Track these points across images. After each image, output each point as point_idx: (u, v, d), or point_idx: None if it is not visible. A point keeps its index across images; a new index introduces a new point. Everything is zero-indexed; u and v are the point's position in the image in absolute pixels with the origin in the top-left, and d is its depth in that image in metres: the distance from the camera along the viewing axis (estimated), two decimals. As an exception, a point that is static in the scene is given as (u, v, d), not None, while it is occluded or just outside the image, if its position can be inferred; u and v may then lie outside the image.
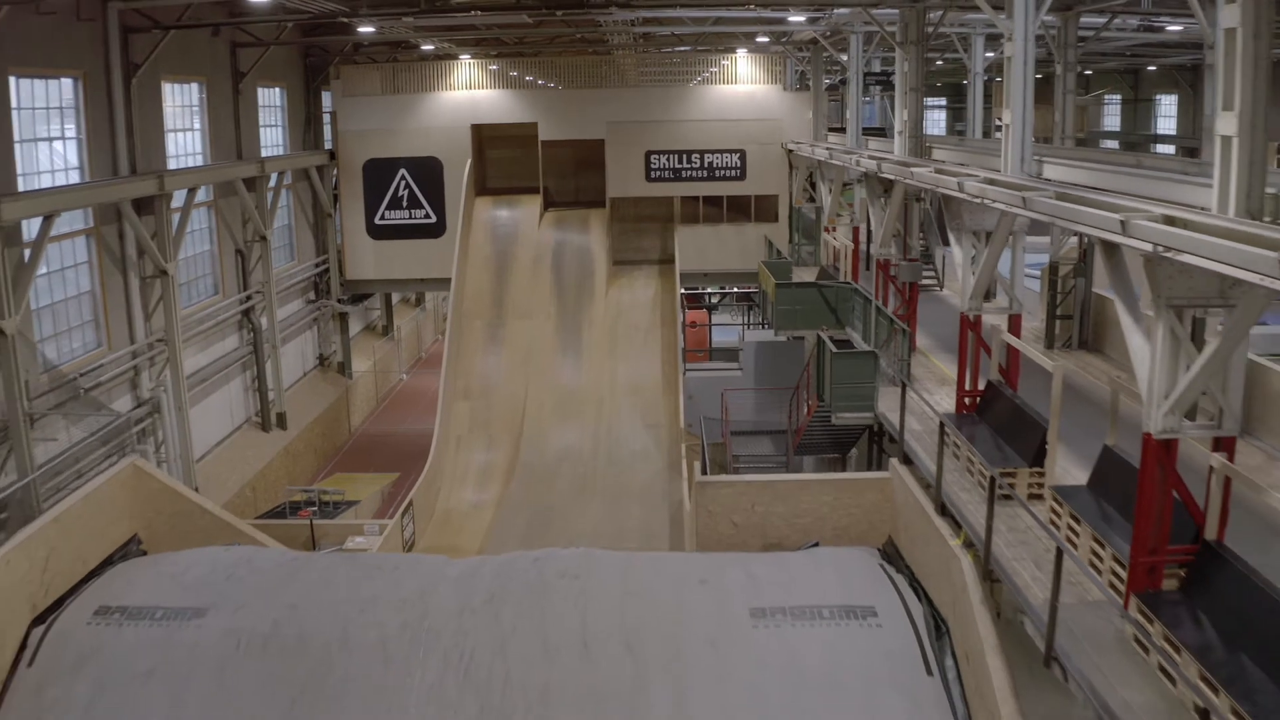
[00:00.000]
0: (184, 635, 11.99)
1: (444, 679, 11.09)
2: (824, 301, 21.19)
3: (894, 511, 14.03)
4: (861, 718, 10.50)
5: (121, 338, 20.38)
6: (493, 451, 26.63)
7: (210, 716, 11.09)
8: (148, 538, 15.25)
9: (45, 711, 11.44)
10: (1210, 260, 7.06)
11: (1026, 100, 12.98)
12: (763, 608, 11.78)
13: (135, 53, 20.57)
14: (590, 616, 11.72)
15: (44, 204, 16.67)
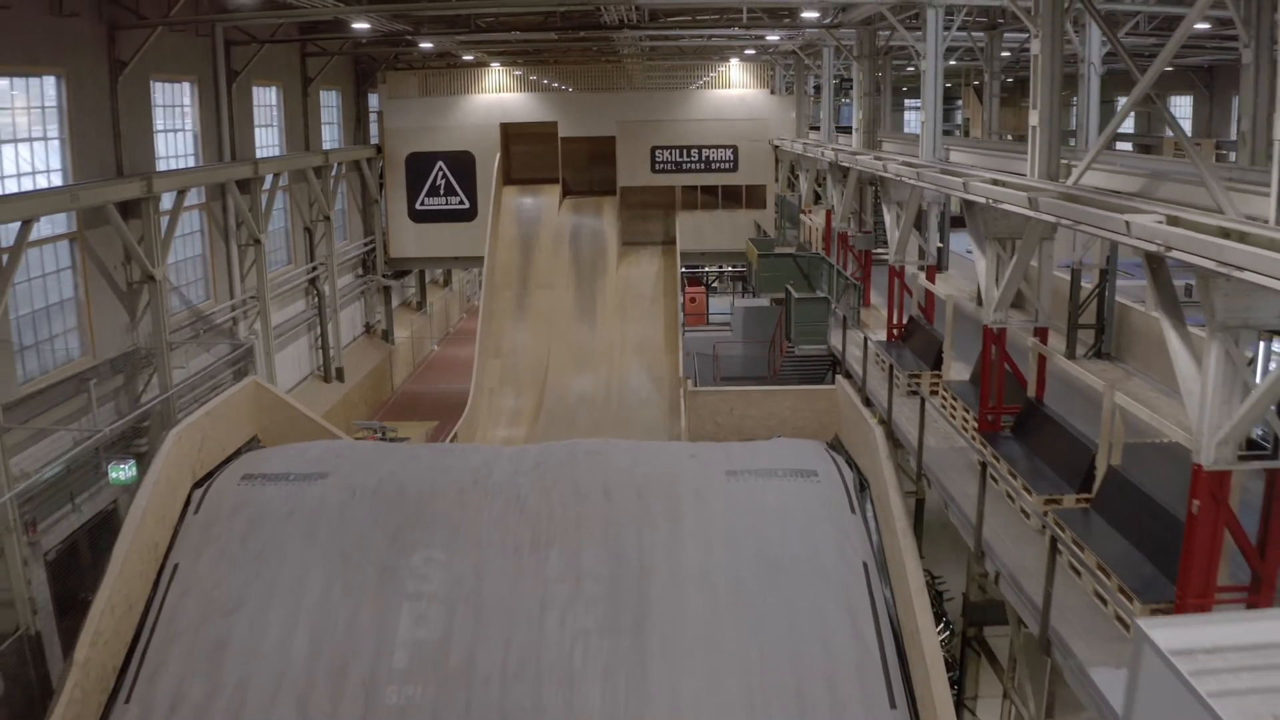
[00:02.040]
0: (312, 490, 15.85)
1: (505, 514, 14.98)
2: (798, 268, 25.00)
3: (839, 415, 17.86)
4: (803, 540, 14.38)
5: (224, 293, 24.29)
6: (520, 399, 30.50)
7: (336, 543, 14.95)
8: (265, 438, 19.09)
9: (212, 542, 15.29)
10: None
11: (936, 102, 16.83)
12: (735, 470, 15.66)
13: (235, 61, 24.48)
14: (610, 475, 15.62)
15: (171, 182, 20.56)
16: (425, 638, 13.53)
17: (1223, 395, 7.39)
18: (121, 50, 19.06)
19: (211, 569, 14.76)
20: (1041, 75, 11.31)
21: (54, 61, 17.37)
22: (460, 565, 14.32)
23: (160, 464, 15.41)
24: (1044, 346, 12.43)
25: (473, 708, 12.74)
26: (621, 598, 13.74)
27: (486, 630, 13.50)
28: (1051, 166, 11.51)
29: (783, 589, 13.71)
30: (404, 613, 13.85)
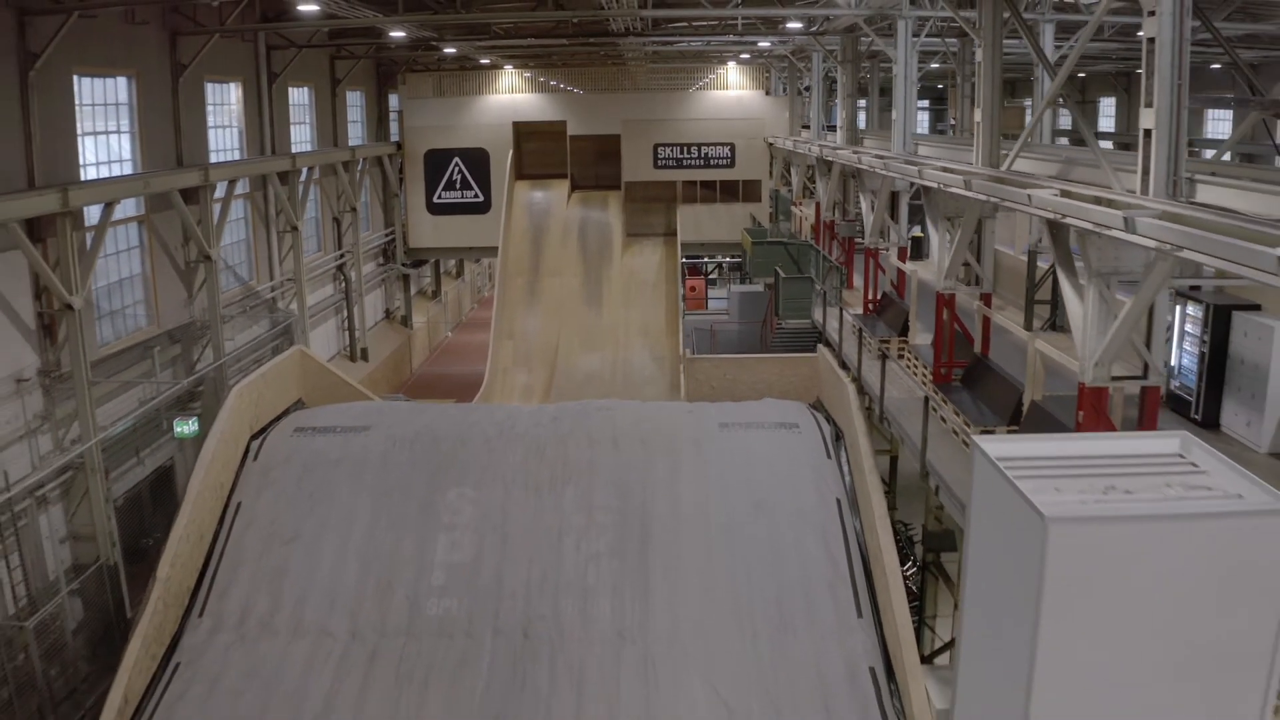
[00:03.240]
0: (357, 440, 17.82)
1: (526, 459, 16.95)
2: (788, 254, 26.91)
3: (820, 379, 19.81)
4: (785, 480, 16.34)
5: (264, 275, 26.24)
6: (532, 376, 32.47)
7: (379, 484, 16.91)
8: (308, 400, 21.04)
9: (270, 484, 17.24)
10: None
11: (909, 103, 18.75)
12: (727, 423, 17.63)
13: (275, 64, 26.40)
14: (618, 427, 17.59)
15: (223, 172, 22.51)
16: (459, 560, 15.51)
17: (1098, 327, 9.06)
18: (182, 54, 21.02)
19: (270, 506, 16.75)
20: (983, 79, 13.24)
21: (126, 64, 19.32)
22: (488, 501, 16.30)
23: (225, 416, 17.39)
24: (988, 309, 14.37)
25: (500, 617, 14.71)
26: (628, 527, 15.73)
27: (512, 554, 15.49)
28: (992, 156, 13.44)
29: (767, 520, 15.69)
30: (440, 541, 15.85)
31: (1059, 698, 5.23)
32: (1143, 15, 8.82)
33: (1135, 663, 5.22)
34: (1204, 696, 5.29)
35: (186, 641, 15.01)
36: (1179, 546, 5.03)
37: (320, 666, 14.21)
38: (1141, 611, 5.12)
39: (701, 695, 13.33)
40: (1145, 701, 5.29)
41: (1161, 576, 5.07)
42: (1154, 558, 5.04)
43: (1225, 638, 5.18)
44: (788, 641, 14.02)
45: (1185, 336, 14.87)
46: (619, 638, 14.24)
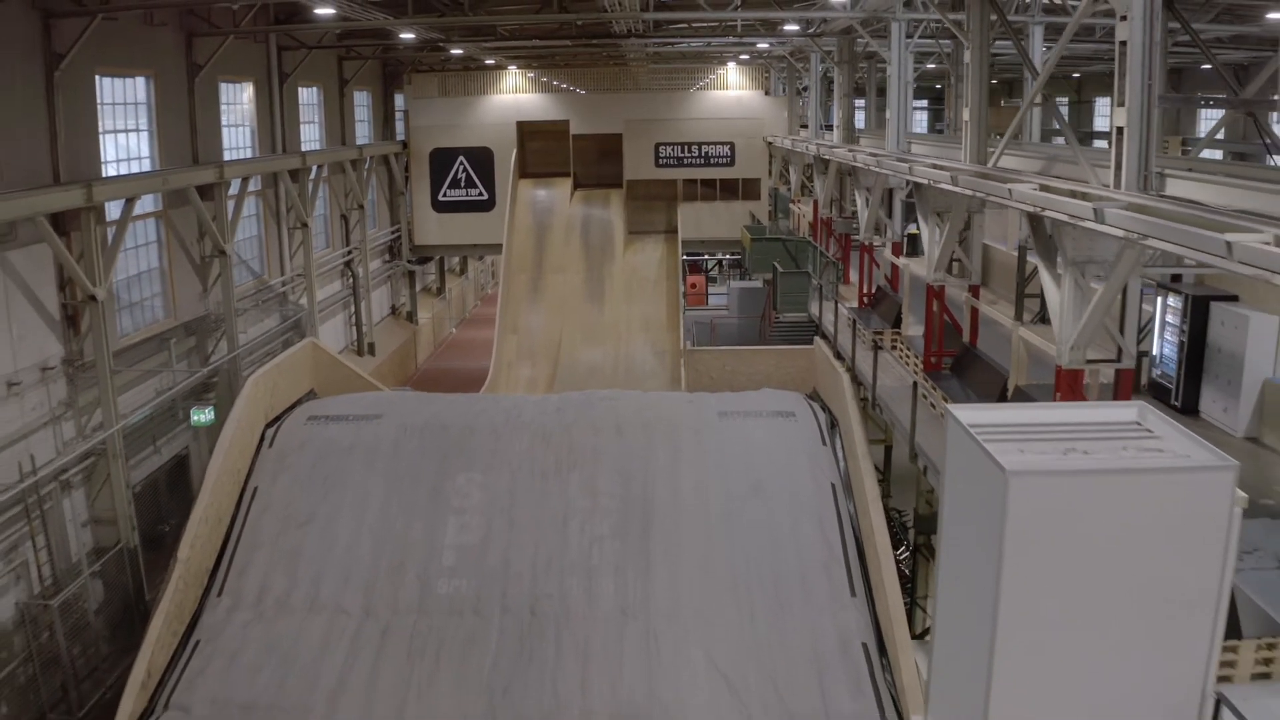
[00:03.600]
0: (369, 428, 18.36)
1: (533, 446, 17.49)
2: (785, 250, 27.46)
3: (816, 370, 20.35)
4: (782, 466, 16.89)
5: (275, 270, 26.80)
6: (536, 370, 33.01)
7: (391, 470, 17.44)
8: (320, 391, 21.59)
9: (285, 470, 17.78)
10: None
11: (902, 102, 19.29)
12: (726, 411, 18.18)
13: (286, 65, 26.96)
14: (621, 416, 18.13)
15: (237, 170, 23.07)
16: (468, 542, 16.08)
17: (1074, 313, 9.61)
18: (197, 55, 21.57)
19: (286, 491, 17.31)
20: (971, 79, 13.79)
21: (145, 65, 19.87)
22: (496, 486, 16.87)
23: (241, 405, 17.96)
24: (976, 300, 14.92)
25: (508, 595, 15.27)
26: (631, 510, 16.29)
27: (519, 536, 16.05)
28: (980, 153, 13.98)
29: (764, 504, 16.26)
30: (450, 524, 16.41)
31: (1020, 638, 5.81)
32: (1116, 19, 9.35)
33: (1091, 607, 5.80)
34: (1157, 638, 5.87)
35: (206, 619, 15.56)
36: (1129, 499, 5.60)
37: (336, 642, 14.76)
38: (1096, 559, 5.70)
39: (701, 668, 13.87)
40: (1101, 643, 5.87)
41: (1113, 527, 5.65)
42: (1106, 509, 5.61)
43: (1174, 583, 5.77)
44: (784, 618, 14.57)
45: (1166, 327, 15.44)
46: (622, 615, 14.78)
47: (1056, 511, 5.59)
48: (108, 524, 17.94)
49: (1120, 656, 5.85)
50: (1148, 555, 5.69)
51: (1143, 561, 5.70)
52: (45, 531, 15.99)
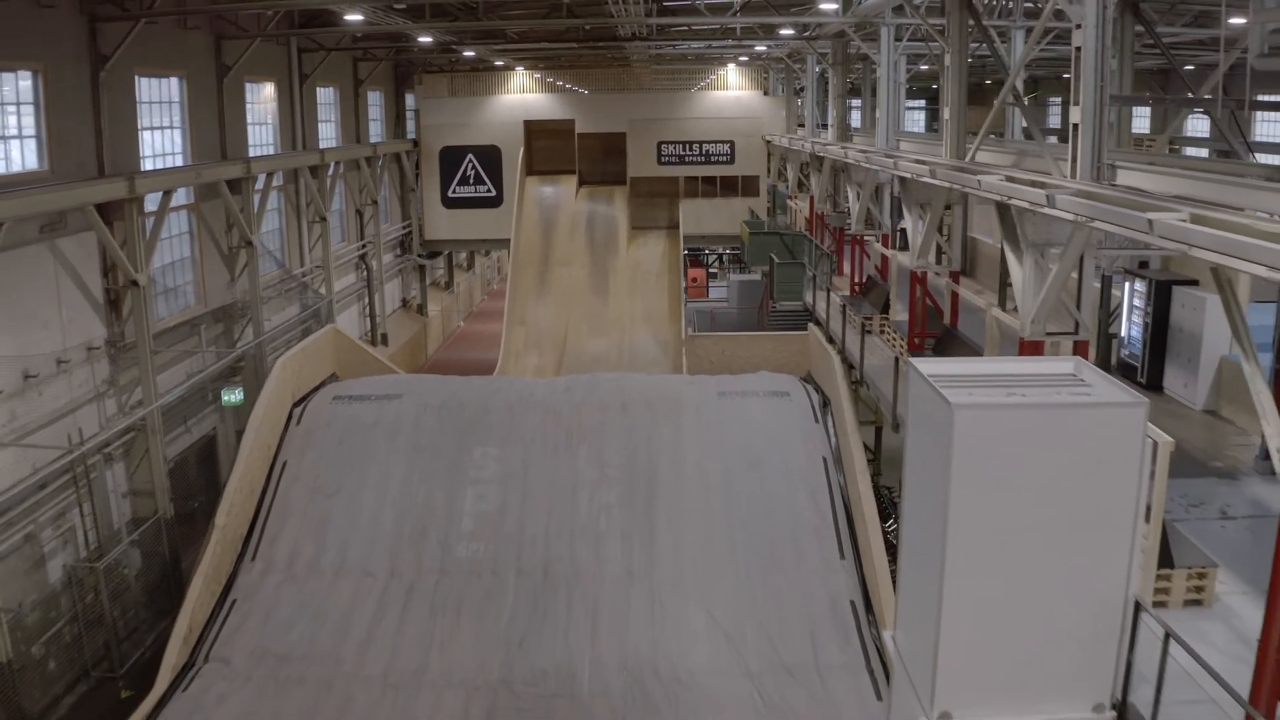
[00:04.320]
0: (391, 406, 19.46)
1: (544, 423, 18.60)
2: (783, 244, 28.54)
3: (810, 355, 21.43)
4: (777, 441, 17.98)
5: (295, 262, 27.87)
6: (543, 359, 34.07)
7: (412, 444, 18.54)
8: (341, 375, 22.67)
9: (313, 445, 18.88)
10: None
11: (890, 102, 20.34)
12: (725, 391, 19.29)
13: (306, 66, 28.03)
14: (626, 395, 19.24)
15: (263, 165, 24.14)
16: (485, 510, 17.20)
17: (1034, 290, 10.72)
18: (226, 57, 22.64)
19: (313, 464, 18.44)
20: (950, 80, 14.84)
21: (179, 65, 20.94)
22: (511, 459, 18.00)
23: (271, 385, 19.07)
24: (956, 285, 15.98)
25: (523, 558, 16.37)
26: (635, 482, 17.42)
27: (532, 504, 17.17)
28: (959, 149, 15.03)
29: (760, 476, 17.38)
30: (468, 493, 17.54)
31: (966, 551, 6.88)
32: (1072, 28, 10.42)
33: (1027, 523, 6.87)
34: (1083, 549, 6.95)
35: (241, 581, 16.69)
36: (1057, 430, 6.69)
37: (363, 601, 15.89)
38: (1030, 482, 6.78)
39: (702, 624, 14.98)
40: (1036, 555, 6.94)
41: (1045, 455, 6.73)
42: (1038, 439, 6.70)
43: (1097, 502, 6.83)
44: (778, 579, 15.68)
45: (1133, 310, 16.52)
46: (628, 576, 15.90)
47: (995, 441, 6.64)
48: (145, 495, 19.00)
49: (1053, 566, 6.89)
50: (1074, 479, 6.74)
51: (1070, 484, 6.74)
52: (91, 500, 17.07)
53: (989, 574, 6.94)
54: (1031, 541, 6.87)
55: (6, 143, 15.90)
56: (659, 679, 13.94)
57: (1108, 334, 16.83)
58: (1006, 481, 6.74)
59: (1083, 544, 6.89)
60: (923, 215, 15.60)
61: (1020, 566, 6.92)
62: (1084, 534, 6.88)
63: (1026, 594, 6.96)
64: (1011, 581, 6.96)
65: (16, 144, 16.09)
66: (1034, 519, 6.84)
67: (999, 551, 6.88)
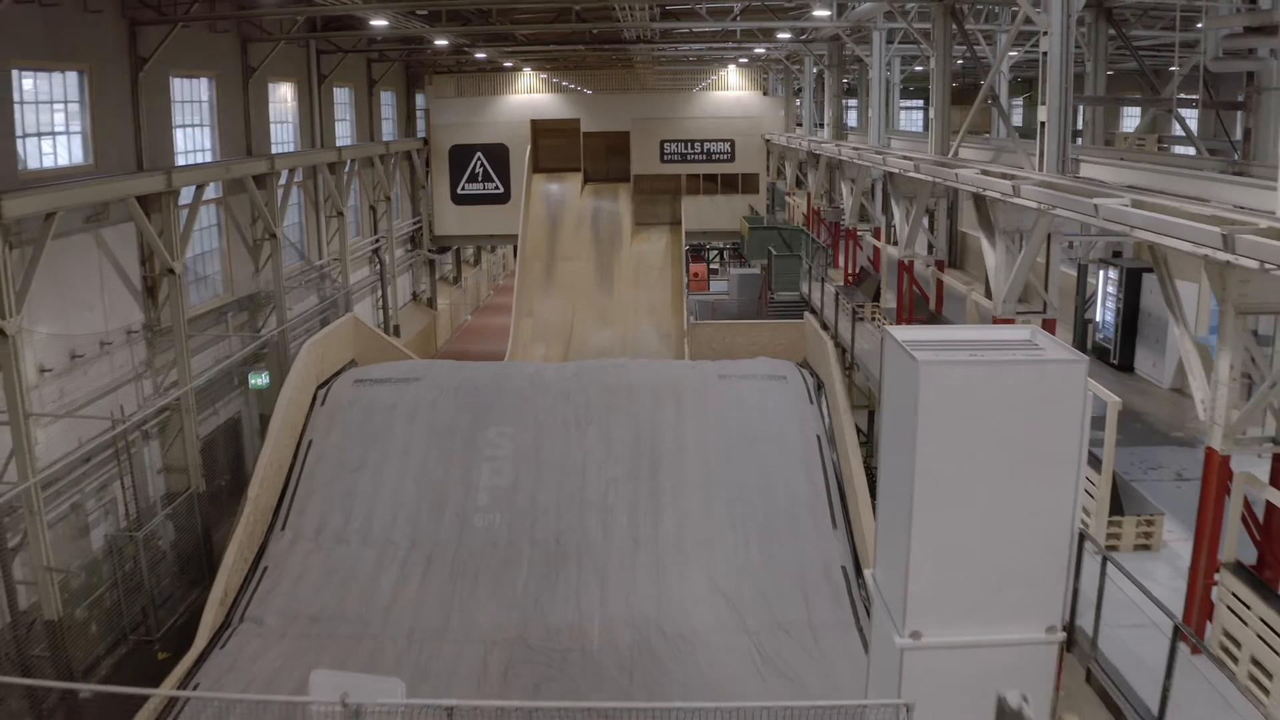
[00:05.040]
0: (409, 388, 20.50)
1: (555, 404, 19.63)
2: (781, 238, 29.53)
3: (806, 341, 22.46)
4: (774, 420, 19.01)
5: (314, 254, 28.88)
6: (549, 349, 35.06)
7: (431, 424, 19.56)
8: (360, 360, 23.69)
9: (337, 425, 19.91)
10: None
11: (881, 102, 21.34)
12: (725, 374, 20.32)
13: (324, 67, 29.04)
14: (631, 379, 20.26)
15: (286, 162, 25.14)
16: (500, 484, 18.24)
17: (1005, 272, 11.79)
18: (251, 59, 23.66)
19: (338, 442, 19.48)
20: (935, 82, 15.85)
21: (209, 67, 21.95)
22: (523, 437, 19.03)
23: (297, 368, 20.12)
24: (941, 274, 16.99)
25: (536, 529, 17.40)
26: (640, 458, 18.45)
27: (544, 479, 18.21)
28: (943, 146, 16.04)
29: (758, 453, 18.42)
30: (484, 469, 18.58)
31: (931, 491, 7.88)
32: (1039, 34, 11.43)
33: (984, 468, 7.90)
34: (1034, 488, 7.95)
35: (272, 549, 17.74)
36: (1009, 383, 7.72)
37: (387, 567, 16.93)
38: (985, 429, 7.80)
39: (703, 587, 16.02)
40: (993, 495, 7.96)
41: (998, 405, 7.75)
42: (992, 391, 7.72)
43: (1045, 448, 7.86)
44: (774, 547, 16.73)
45: (1107, 297, 17.54)
46: (634, 544, 16.94)
47: (956, 393, 7.65)
48: (178, 471, 20.01)
49: (1008, 503, 7.90)
50: (1025, 426, 7.74)
51: (1021, 431, 7.75)
52: (131, 473, 18.09)
53: (951, 510, 7.94)
54: (988, 481, 7.88)
55: (55, 138, 16.91)
56: (664, 636, 14.96)
57: (1084, 319, 17.84)
58: (966, 429, 7.75)
59: (1033, 483, 7.90)
60: (909, 207, 16.62)
61: (979, 503, 7.92)
62: (1034, 474, 7.89)
63: (985, 528, 7.97)
64: (971, 516, 7.96)
65: (64, 139, 17.10)
66: (991, 462, 7.84)
67: (960, 491, 7.89)
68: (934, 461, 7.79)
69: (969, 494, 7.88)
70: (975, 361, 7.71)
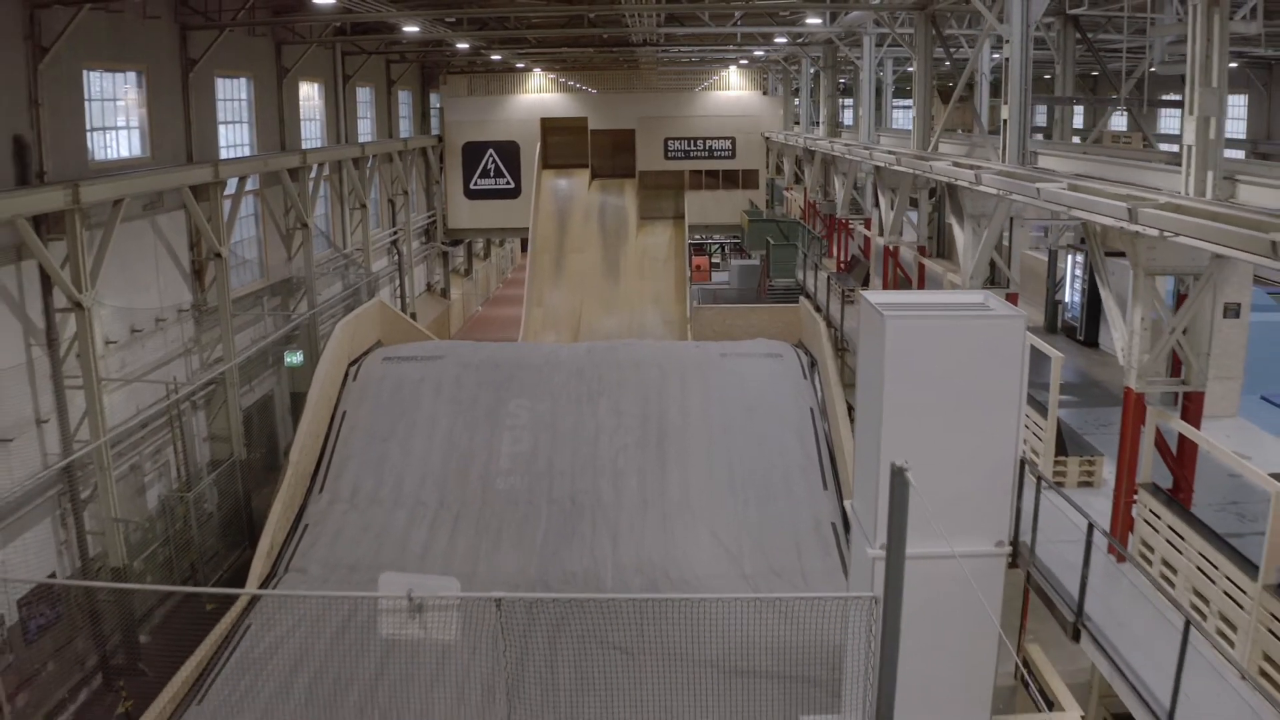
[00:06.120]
0: (435, 365, 21.99)
1: (569, 379, 21.13)
2: (779, 230, 31.01)
3: (801, 324, 23.95)
4: (771, 394, 20.50)
5: (339, 244, 30.41)
6: (560, 336, 36.61)
7: (455, 397, 21.05)
8: (385, 341, 25.17)
9: (368, 398, 21.39)
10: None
11: (871, 101, 22.82)
12: (726, 353, 21.81)
13: (348, 68, 30.55)
14: (639, 356, 21.76)
15: (315, 156, 26.65)
16: (520, 450, 19.73)
17: (972, 251, 13.30)
18: (285, 60, 25.18)
19: (369, 413, 20.97)
20: (917, 84, 17.35)
21: (248, 68, 23.47)
22: (541, 409, 20.53)
23: (332, 345, 21.62)
24: (923, 258, 18.48)
25: (553, 490, 18.89)
26: (649, 426, 19.94)
27: (560, 446, 19.70)
28: (924, 142, 17.54)
29: (756, 423, 19.90)
30: (505, 438, 20.07)
31: (898, 429, 9.36)
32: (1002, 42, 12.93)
33: (941, 406, 9.38)
34: (983, 422, 9.44)
35: (311, 509, 19.24)
36: (960, 335, 9.19)
37: (418, 524, 18.43)
38: (943, 375, 9.28)
39: (706, 541, 17.52)
40: (949, 429, 9.44)
41: (953, 354, 9.24)
42: (947, 342, 9.19)
43: (992, 389, 9.34)
44: (770, 506, 18.21)
45: (1074, 279, 19.04)
46: (643, 503, 18.43)
47: (917, 343, 9.15)
48: (221, 441, 21.55)
49: (961, 435, 9.38)
50: (975, 371, 9.22)
51: (972, 375, 9.24)
52: (182, 439, 19.63)
53: (914, 442, 9.43)
54: (944, 418, 9.36)
55: (116, 133, 18.44)
56: (670, 580, 16.46)
57: (1054, 300, 19.34)
58: (926, 374, 9.23)
59: (982, 419, 9.38)
60: (893, 198, 18.10)
61: (937, 436, 9.40)
62: (982, 412, 9.37)
63: (942, 456, 9.46)
64: (930, 447, 9.43)
65: (125, 134, 18.63)
66: (946, 401, 9.33)
67: (921, 425, 9.38)
68: (899, 401, 9.26)
69: (928, 427, 9.34)
70: (933, 316, 9.21)
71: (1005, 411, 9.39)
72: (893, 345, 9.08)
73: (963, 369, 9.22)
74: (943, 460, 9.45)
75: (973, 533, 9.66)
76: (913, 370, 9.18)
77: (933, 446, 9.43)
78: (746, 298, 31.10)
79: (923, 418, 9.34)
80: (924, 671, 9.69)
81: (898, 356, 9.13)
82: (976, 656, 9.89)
